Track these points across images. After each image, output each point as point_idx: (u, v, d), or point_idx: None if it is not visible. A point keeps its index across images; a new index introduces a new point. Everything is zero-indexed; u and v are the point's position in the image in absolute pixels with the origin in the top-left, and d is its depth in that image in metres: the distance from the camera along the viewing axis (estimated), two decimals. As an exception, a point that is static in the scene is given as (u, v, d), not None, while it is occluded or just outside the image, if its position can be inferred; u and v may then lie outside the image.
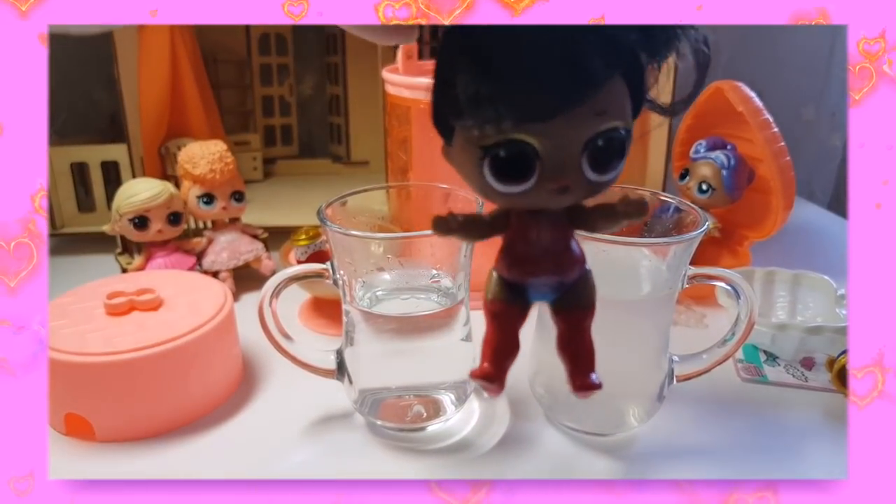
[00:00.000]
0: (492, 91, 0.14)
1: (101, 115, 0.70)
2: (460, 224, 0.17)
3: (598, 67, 0.14)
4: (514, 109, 0.14)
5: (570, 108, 0.14)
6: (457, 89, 0.15)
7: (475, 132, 0.15)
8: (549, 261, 0.18)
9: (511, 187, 0.16)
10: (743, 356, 0.43)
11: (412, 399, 0.35)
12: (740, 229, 0.53)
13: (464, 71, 0.15)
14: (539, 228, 0.17)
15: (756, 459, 0.34)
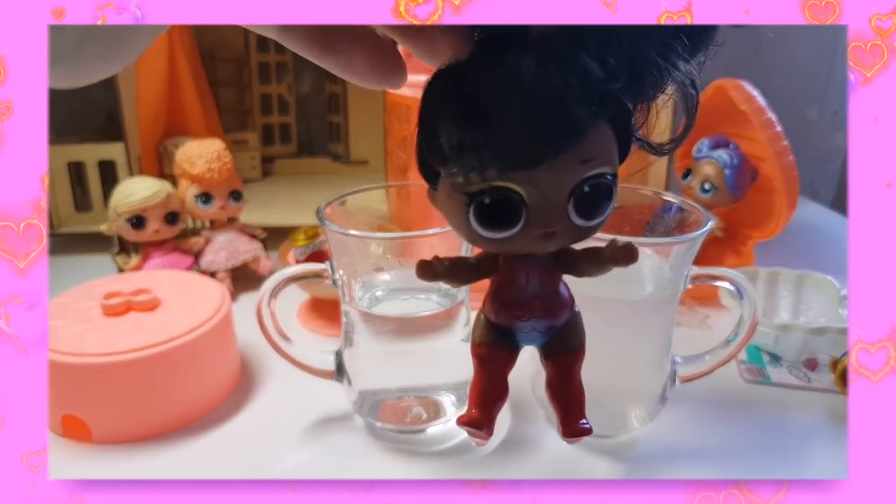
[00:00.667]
0: (475, 140, 0.14)
1: (98, 113, 0.69)
2: (446, 269, 0.17)
3: (582, 115, 0.14)
4: (498, 158, 0.14)
5: (555, 157, 0.14)
6: (440, 137, 0.14)
7: (460, 179, 0.15)
8: (538, 305, 0.18)
9: (497, 233, 0.16)
10: (746, 357, 0.43)
11: (412, 400, 0.35)
12: (743, 229, 0.52)
13: (447, 119, 0.14)
14: (527, 273, 0.17)
15: (759, 461, 0.34)
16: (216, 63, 0.72)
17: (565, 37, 0.14)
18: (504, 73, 0.14)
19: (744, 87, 0.49)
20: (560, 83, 0.14)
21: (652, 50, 0.15)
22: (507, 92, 0.14)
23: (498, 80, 0.14)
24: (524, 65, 0.14)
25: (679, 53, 0.15)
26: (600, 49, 0.14)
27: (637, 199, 0.36)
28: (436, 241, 0.33)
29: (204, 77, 0.68)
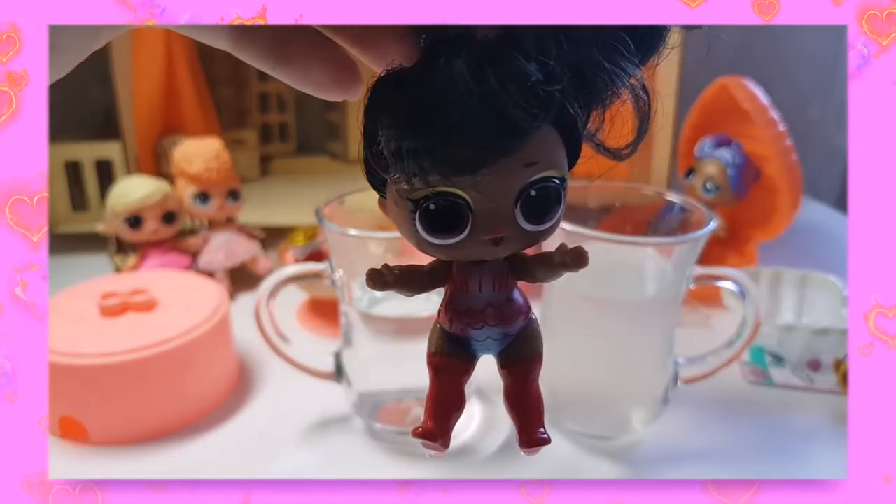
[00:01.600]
0: (415, 146, 0.14)
1: (95, 112, 0.69)
2: (396, 278, 0.17)
3: (522, 118, 0.14)
4: (438, 164, 0.14)
5: (497, 161, 0.14)
6: (381, 144, 0.14)
7: (404, 186, 0.15)
8: (491, 312, 0.17)
9: (445, 240, 0.15)
10: (749, 358, 0.42)
11: (412, 402, 0.35)
12: (746, 228, 0.52)
13: (386, 125, 0.14)
14: (480, 280, 0.17)
15: (762, 463, 0.33)
16: (214, 61, 0.72)
17: (504, 40, 0.14)
18: (439, 77, 0.14)
19: (747, 85, 0.49)
20: (496, 86, 0.13)
21: (597, 52, 0.14)
22: (444, 96, 0.14)
23: (434, 85, 0.14)
24: (458, 68, 0.14)
25: (627, 57, 0.15)
26: (540, 51, 0.14)
27: (639, 199, 0.35)
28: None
29: (202, 75, 0.68)
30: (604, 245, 0.30)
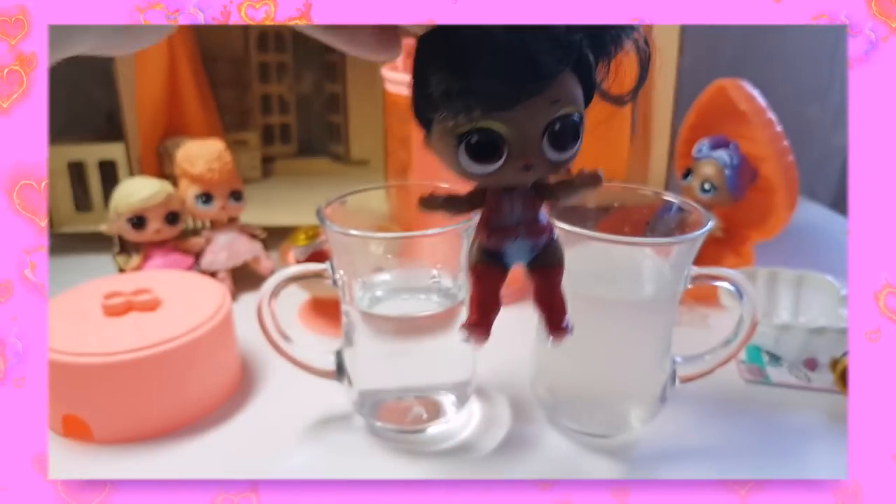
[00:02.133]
0: (461, 87, 0.17)
1: (99, 113, 0.69)
2: (443, 201, 0.21)
3: (549, 63, 0.17)
4: (481, 102, 0.17)
5: (529, 98, 0.17)
6: (431, 87, 0.17)
7: (450, 123, 0.18)
8: (522, 228, 0.20)
9: (484, 167, 0.18)
10: (746, 357, 0.43)
11: (412, 400, 0.35)
12: (743, 229, 0.52)
13: (437, 71, 0.17)
14: (512, 202, 0.20)
15: (759, 461, 0.34)
16: (216, 63, 0.72)
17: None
18: (480, 32, 0.17)
19: (744, 86, 0.49)
20: (528, 37, 0.16)
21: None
22: (485, 46, 0.16)
23: (476, 37, 0.17)
24: (495, 26, 0.16)
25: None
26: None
27: (637, 200, 0.36)
28: (436, 241, 0.33)
29: (204, 77, 0.68)
30: (602, 245, 0.31)
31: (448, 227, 0.31)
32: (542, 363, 0.36)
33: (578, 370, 0.35)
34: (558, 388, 0.35)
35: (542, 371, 0.36)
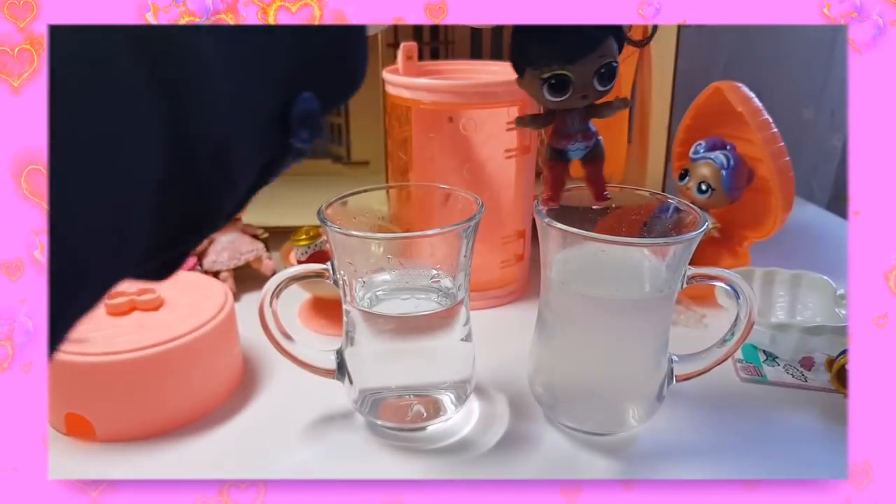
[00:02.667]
0: (546, 50, 0.29)
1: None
2: (531, 119, 0.33)
3: (599, 35, 0.28)
4: (558, 58, 0.29)
5: (586, 55, 0.28)
6: (527, 49, 0.29)
7: (537, 71, 0.29)
8: (579, 135, 0.31)
9: (557, 98, 0.29)
10: (742, 356, 0.43)
11: (412, 399, 0.35)
12: (740, 229, 0.53)
13: (530, 41, 0.29)
14: (573, 119, 0.31)
15: (756, 459, 0.34)
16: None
17: None
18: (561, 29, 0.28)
19: (740, 88, 0.50)
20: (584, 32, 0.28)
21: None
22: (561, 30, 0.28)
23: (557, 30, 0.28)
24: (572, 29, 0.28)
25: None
26: None
27: (634, 200, 0.36)
28: (436, 242, 0.34)
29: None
30: (600, 245, 0.31)
31: (448, 227, 0.32)
32: (541, 362, 0.36)
33: (576, 369, 0.35)
34: (556, 386, 0.36)
35: (541, 370, 0.36)
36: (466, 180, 0.47)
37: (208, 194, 0.17)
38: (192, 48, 0.15)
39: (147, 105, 0.14)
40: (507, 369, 0.40)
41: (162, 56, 0.15)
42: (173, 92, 0.15)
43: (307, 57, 0.18)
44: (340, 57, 0.19)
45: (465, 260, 0.34)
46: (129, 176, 0.14)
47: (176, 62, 0.15)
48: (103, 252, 0.14)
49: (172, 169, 0.15)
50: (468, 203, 0.35)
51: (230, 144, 0.16)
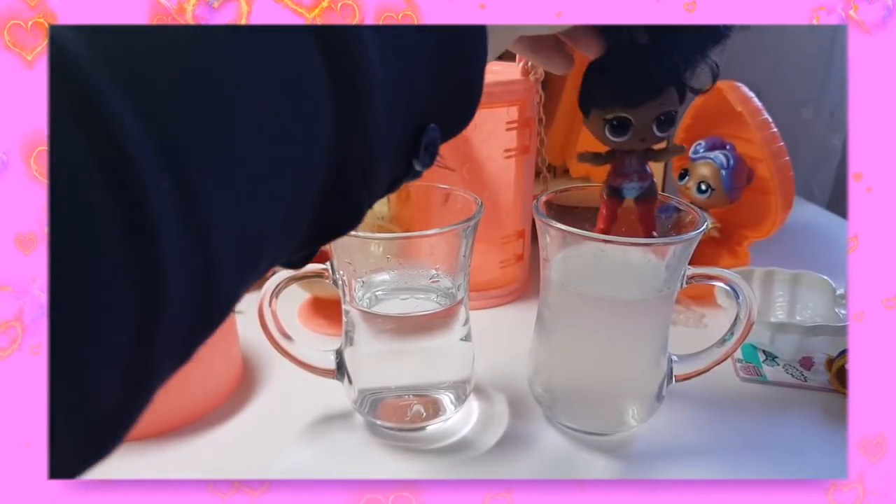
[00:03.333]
0: (611, 94, 0.30)
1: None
2: (592, 156, 0.34)
3: (659, 83, 0.30)
4: (621, 104, 0.30)
5: (647, 102, 0.30)
6: (593, 93, 0.31)
7: (602, 112, 0.31)
8: (635, 175, 0.33)
9: (618, 139, 0.31)
10: (742, 356, 0.43)
11: (412, 399, 0.35)
12: (739, 229, 0.53)
13: (598, 85, 0.30)
14: (630, 159, 0.33)
15: (755, 459, 0.34)
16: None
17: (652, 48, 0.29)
18: (624, 68, 0.30)
19: (740, 88, 0.50)
20: (649, 64, 0.29)
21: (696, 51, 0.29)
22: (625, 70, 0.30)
23: (619, 66, 0.30)
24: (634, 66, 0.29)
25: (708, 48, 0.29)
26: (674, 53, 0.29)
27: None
28: (435, 242, 0.34)
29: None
30: (599, 245, 0.31)
31: (447, 227, 0.32)
32: (540, 362, 0.36)
33: (576, 368, 0.35)
34: (556, 386, 0.36)
35: (540, 369, 0.36)
36: (466, 180, 0.47)
37: (354, 201, 0.18)
38: (370, 65, 0.16)
39: (325, 113, 0.16)
40: (507, 369, 0.40)
41: (345, 68, 0.16)
42: (350, 104, 0.16)
43: (442, 95, 0.20)
44: (466, 100, 0.21)
45: (465, 260, 0.34)
46: (302, 178, 0.16)
47: (356, 76, 0.16)
48: (272, 240, 0.16)
49: (331, 176, 0.17)
50: (467, 203, 0.35)
51: (377, 160, 0.18)
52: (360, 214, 0.19)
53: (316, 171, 0.17)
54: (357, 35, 0.16)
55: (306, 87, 0.16)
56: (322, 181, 0.17)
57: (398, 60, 0.18)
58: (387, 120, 0.18)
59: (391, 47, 0.18)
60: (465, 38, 0.20)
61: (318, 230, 0.18)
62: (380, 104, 0.17)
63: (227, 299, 0.16)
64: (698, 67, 0.30)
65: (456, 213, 0.35)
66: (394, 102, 0.18)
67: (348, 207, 0.19)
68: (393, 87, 0.18)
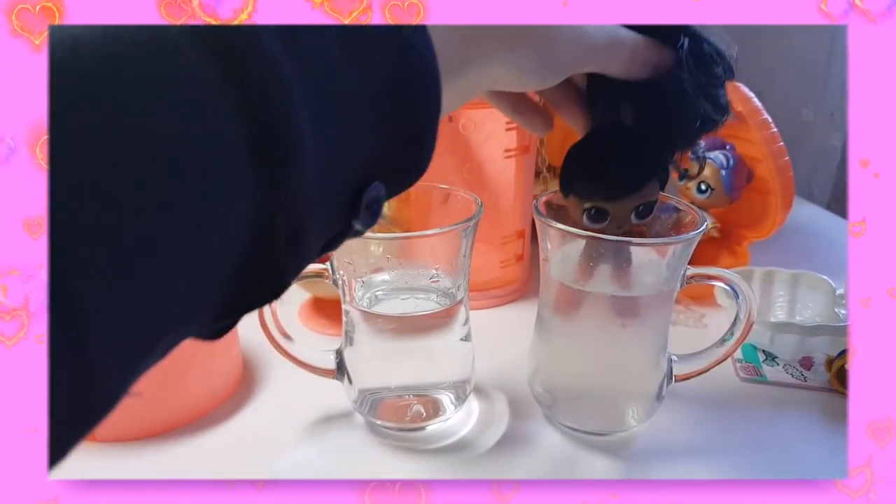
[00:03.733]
0: (590, 187, 0.30)
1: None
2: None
3: (643, 181, 0.29)
4: (601, 198, 0.29)
5: (626, 196, 0.29)
6: (573, 180, 0.30)
7: (582, 201, 0.30)
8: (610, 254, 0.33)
9: (595, 226, 0.30)
10: (742, 356, 0.43)
11: (412, 399, 0.35)
12: (739, 229, 0.53)
13: (578, 177, 0.30)
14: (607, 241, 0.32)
15: (755, 459, 0.34)
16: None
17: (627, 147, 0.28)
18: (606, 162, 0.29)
19: (740, 88, 0.50)
20: (626, 174, 0.29)
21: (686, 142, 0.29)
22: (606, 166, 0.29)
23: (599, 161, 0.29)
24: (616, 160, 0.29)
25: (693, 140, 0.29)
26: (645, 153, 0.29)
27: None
28: (435, 242, 0.34)
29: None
30: (598, 245, 0.31)
31: (447, 227, 0.32)
32: (540, 362, 0.36)
33: (575, 368, 0.35)
34: (555, 386, 0.36)
35: (540, 369, 0.36)
36: (466, 180, 0.47)
37: (278, 273, 0.17)
38: (295, 122, 0.15)
39: (241, 182, 0.14)
40: (507, 369, 0.40)
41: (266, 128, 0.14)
42: (273, 170, 0.14)
43: (387, 150, 0.18)
44: (415, 154, 0.19)
45: (465, 260, 0.34)
46: (212, 255, 0.14)
47: (279, 138, 0.14)
48: (174, 322, 0.14)
49: (252, 250, 0.15)
50: (467, 203, 0.35)
51: (306, 229, 0.16)
52: (285, 285, 0.17)
53: (231, 247, 0.15)
54: (281, 87, 0.14)
55: (218, 153, 0.14)
56: (240, 256, 0.15)
57: (333, 113, 0.16)
58: (318, 184, 0.16)
59: (324, 97, 0.15)
60: (414, 86, 0.17)
61: (238, 302, 0.16)
62: (310, 167, 0.15)
63: (110, 396, 0.14)
64: (686, 152, 0.30)
65: (456, 213, 0.35)
66: (327, 163, 0.16)
67: (272, 280, 0.17)
68: (327, 144, 0.16)
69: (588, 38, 0.23)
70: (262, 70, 0.14)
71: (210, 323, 0.17)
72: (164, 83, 0.13)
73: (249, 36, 0.14)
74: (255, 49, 0.14)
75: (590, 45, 0.24)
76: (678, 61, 0.26)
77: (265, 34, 0.14)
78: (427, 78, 0.18)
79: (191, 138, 0.13)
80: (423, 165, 0.19)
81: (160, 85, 0.13)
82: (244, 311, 0.17)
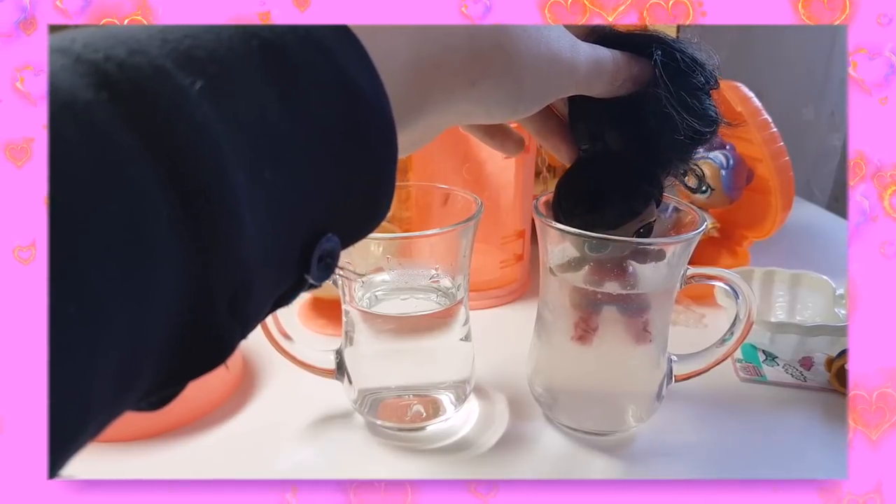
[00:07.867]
0: (589, 223, 0.29)
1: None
2: (570, 265, 0.33)
3: (640, 208, 0.29)
4: (600, 229, 0.29)
5: (627, 222, 0.29)
6: (570, 216, 0.30)
7: (582, 227, 0.30)
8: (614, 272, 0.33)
9: (597, 254, 0.31)
10: (742, 356, 0.43)
11: (411, 399, 0.35)
12: (739, 229, 0.53)
13: (574, 210, 0.30)
14: (611, 262, 0.32)
15: (755, 459, 0.34)
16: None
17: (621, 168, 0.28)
18: (599, 195, 0.29)
19: (740, 88, 0.50)
20: (626, 201, 0.29)
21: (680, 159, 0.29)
22: (601, 204, 0.29)
23: (595, 199, 0.29)
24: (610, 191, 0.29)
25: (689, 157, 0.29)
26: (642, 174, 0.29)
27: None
28: (435, 242, 0.34)
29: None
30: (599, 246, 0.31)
31: (447, 227, 0.32)
32: (540, 361, 0.36)
33: (575, 368, 0.35)
34: (555, 386, 0.36)
35: (540, 369, 0.36)
36: (466, 180, 0.47)
37: (220, 336, 0.15)
38: (228, 197, 0.14)
39: (175, 257, 0.13)
40: (507, 369, 0.40)
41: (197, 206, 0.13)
42: (206, 231, 0.14)
43: (341, 202, 0.17)
44: (370, 202, 0.18)
45: (465, 260, 0.34)
46: (143, 326, 0.13)
47: (211, 211, 0.14)
48: (106, 396, 0.13)
49: (187, 316, 0.14)
50: (467, 203, 0.35)
51: (249, 290, 0.15)
52: (230, 349, 0.16)
53: (164, 318, 0.14)
54: (210, 152, 0.13)
55: (143, 226, 0.13)
56: (177, 325, 0.14)
57: (271, 168, 0.15)
58: (260, 243, 0.15)
59: (260, 153, 0.14)
60: (362, 134, 0.16)
61: (176, 373, 0.15)
62: (247, 228, 0.14)
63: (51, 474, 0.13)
64: (680, 170, 0.29)
65: (456, 213, 0.35)
66: (272, 219, 0.15)
67: (214, 346, 0.15)
68: (268, 200, 0.15)
69: (565, 64, 0.22)
70: (188, 137, 0.13)
71: (153, 392, 0.15)
72: (83, 161, 0.12)
73: (173, 102, 0.13)
74: (180, 116, 0.13)
75: (568, 71, 0.22)
76: (653, 76, 0.24)
77: (190, 96, 0.13)
78: (378, 125, 0.16)
79: (112, 215, 0.12)
80: (381, 213, 0.18)
81: (80, 164, 0.12)
82: (189, 377, 0.16)
